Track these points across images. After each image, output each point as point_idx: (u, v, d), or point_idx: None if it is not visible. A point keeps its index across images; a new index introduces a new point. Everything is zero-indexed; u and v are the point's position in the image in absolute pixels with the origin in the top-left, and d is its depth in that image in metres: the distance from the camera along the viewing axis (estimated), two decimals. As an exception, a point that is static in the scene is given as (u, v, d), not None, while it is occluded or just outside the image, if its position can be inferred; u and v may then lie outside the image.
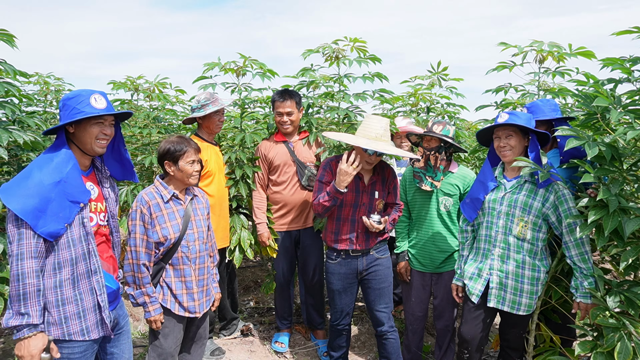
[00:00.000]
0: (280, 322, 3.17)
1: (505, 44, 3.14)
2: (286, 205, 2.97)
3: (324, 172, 2.43)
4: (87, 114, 1.72)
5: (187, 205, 2.20)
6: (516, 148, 2.12)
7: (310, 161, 2.99)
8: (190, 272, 2.17)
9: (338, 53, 3.38)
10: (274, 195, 2.99)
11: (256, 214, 3.01)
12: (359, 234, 2.45)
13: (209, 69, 3.24)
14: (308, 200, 2.98)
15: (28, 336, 1.58)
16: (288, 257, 3.04)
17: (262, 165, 3.01)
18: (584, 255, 1.96)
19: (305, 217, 3.00)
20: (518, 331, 2.23)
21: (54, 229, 1.63)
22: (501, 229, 2.13)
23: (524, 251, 2.08)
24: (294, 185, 2.95)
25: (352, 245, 2.46)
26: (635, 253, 1.68)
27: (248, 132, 3.11)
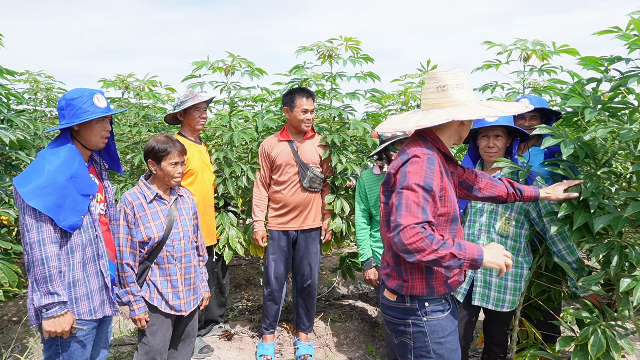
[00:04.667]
0: (265, 326, 3.10)
1: (489, 42, 3.17)
2: (286, 205, 2.96)
3: (428, 172, 1.49)
4: (96, 114, 1.88)
5: (172, 205, 2.22)
6: (502, 149, 2.15)
7: (313, 162, 2.97)
8: (175, 270, 2.19)
9: (332, 52, 3.41)
10: (274, 194, 2.99)
11: (254, 212, 3.01)
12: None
13: (198, 67, 3.25)
14: (308, 201, 2.98)
15: (60, 314, 1.74)
16: (284, 257, 3.02)
17: (264, 163, 2.99)
18: (571, 247, 1.99)
19: (304, 218, 2.99)
20: (502, 328, 2.26)
21: (73, 222, 1.80)
22: (484, 227, 2.15)
23: (508, 248, 2.11)
24: (294, 185, 2.94)
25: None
26: (605, 249, 1.71)
27: (236, 131, 3.12)
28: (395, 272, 1.63)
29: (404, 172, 1.51)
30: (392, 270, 1.65)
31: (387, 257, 1.69)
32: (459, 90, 1.59)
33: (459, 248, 1.42)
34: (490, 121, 2.09)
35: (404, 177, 1.49)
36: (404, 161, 1.55)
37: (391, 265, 1.65)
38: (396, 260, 1.62)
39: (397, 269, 1.63)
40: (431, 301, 1.62)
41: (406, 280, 1.61)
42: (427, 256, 1.39)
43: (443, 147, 1.64)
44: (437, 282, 1.61)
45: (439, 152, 1.62)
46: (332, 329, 3.44)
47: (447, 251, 1.39)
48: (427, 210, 1.44)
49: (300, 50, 3.38)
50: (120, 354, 3.04)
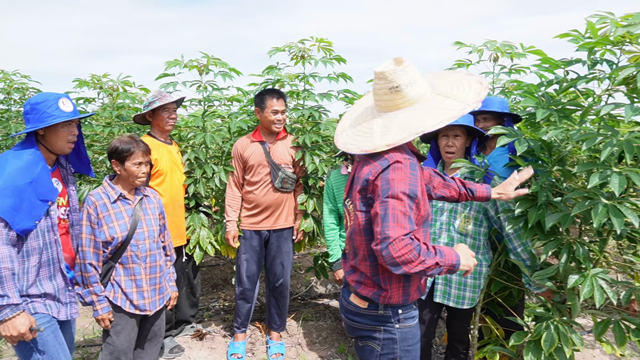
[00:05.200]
0: (237, 325, 3.12)
1: (460, 43, 3.22)
2: (258, 205, 2.98)
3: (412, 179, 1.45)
4: (61, 119, 1.89)
5: (136, 205, 2.22)
6: (461, 149, 2.18)
7: (285, 163, 3.00)
8: (140, 270, 2.20)
9: (304, 52, 3.43)
10: (246, 194, 3.01)
11: (226, 212, 3.03)
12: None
13: (170, 66, 3.25)
14: (280, 201, 3.00)
15: (12, 316, 1.71)
16: (256, 257, 3.04)
17: (237, 164, 3.01)
18: (525, 245, 2.04)
19: (276, 218, 3.02)
20: (463, 324, 2.31)
21: (27, 226, 1.79)
22: (444, 226, 2.19)
23: (467, 246, 2.14)
24: (266, 186, 2.96)
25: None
26: (555, 246, 1.75)
27: (209, 132, 3.13)
28: (371, 280, 1.57)
29: (386, 179, 1.43)
30: (367, 278, 1.58)
31: (360, 267, 1.60)
32: (412, 86, 1.52)
33: (440, 256, 1.41)
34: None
35: (388, 184, 1.42)
36: (384, 167, 1.46)
37: (366, 274, 1.58)
38: (374, 270, 1.56)
39: (374, 278, 1.56)
40: (404, 308, 1.60)
41: (385, 289, 1.55)
42: (415, 267, 1.36)
43: (411, 145, 1.62)
44: (412, 289, 1.60)
45: (411, 153, 1.57)
46: (305, 327, 3.46)
47: (432, 261, 1.38)
48: (412, 219, 1.41)
49: (273, 51, 3.40)
50: (89, 354, 3.03)
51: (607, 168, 1.58)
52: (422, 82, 1.56)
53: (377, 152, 1.50)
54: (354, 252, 1.63)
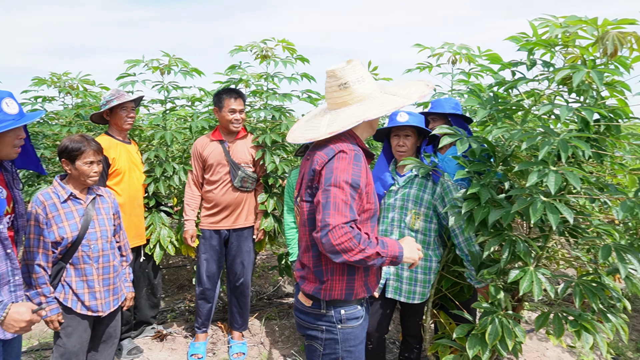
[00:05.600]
0: (197, 325, 3.10)
1: (420, 45, 3.28)
2: (217, 204, 2.97)
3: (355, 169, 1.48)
4: (6, 126, 1.68)
5: (88, 205, 2.19)
6: (412, 148, 2.24)
7: (245, 162, 3.00)
8: (92, 271, 2.17)
9: (266, 52, 3.44)
10: (206, 193, 3.00)
11: (185, 211, 3.02)
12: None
13: (132, 66, 3.21)
14: (240, 200, 3.00)
15: (5, 313, 1.63)
16: (216, 256, 3.03)
17: (196, 163, 2.99)
18: (469, 240, 2.10)
19: (236, 217, 3.01)
20: (415, 319, 2.36)
21: None
22: (395, 222, 2.24)
23: (418, 242, 2.20)
24: (226, 185, 2.96)
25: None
26: (498, 242, 1.81)
27: (169, 131, 3.11)
28: (314, 274, 1.57)
29: (330, 168, 1.46)
30: (310, 272, 1.58)
31: (304, 259, 1.61)
32: (360, 83, 1.56)
33: (382, 246, 1.43)
34: (401, 121, 2.17)
35: (331, 173, 1.44)
36: (330, 157, 1.48)
37: (309, 266, 1.58)
38: (316, 261, 1.55)
39: (316, 269, 1.56)
40: (348, 308, 1.58)
41: (325, 280, 1.54)
42: (355, 256, 1.37)
43: (360, 142, 1.62)
44: (357, 284, 1.58)
45: (359, 148, 1.59)
46: (268, 326, 3.47)
47: (373, 250, 1.39)
48: (354, 208, 1.42)
49: (235, 50, 3.41)
50: (44, 358, 2.96)
51: (546, 167, 1.64)
52: (371, 81, 1.61)
53: (325, 144, 1.54)
54: (299, 243, 1.66)
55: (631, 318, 3.84)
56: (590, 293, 1.77)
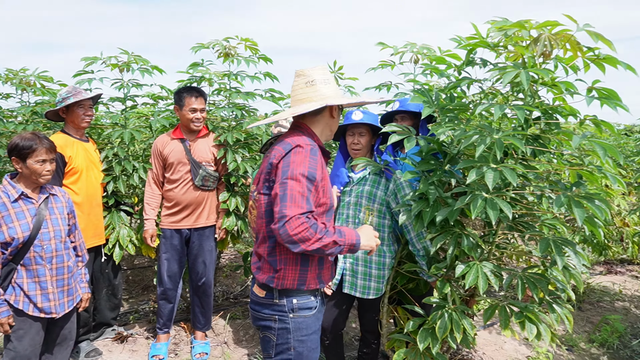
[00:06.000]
0: (159, 326, 3.07)
1: (383, 44, 3.33)
2: (178, 203, 2.95)
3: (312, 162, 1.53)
4: None
5: (41, 205, 2.15)
6: (366, 146, 2.28)
7: (206, 161, 2.98)
8: (44, 272, 2.13)
9: (229, 50, 3.43)
10: (166, 192, 2.97)
11: (145, 210, 2.99)
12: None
13: (90, 63, 3.16)
14: (201, 199, 2.98)
15: None
16: (177, 256, 3.00)
17: (156, 161, 2.96)
18: (420, 235, 2.16)
19: (197, 216, 2.99)
20: (372, 314, 2.40)
21: None
22: (351, 219, 2.28)
23: None
24: (186, 184, 2.94)
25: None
26: (444, 238, 1.86)
27: (128, 129, 3.07)
28: (268, 263, 1.61)
29: (287, 161, 1.52)
30: (264, 262, 1.63)
31: (260, 250, 1.66)
32: (326, 85, 1.66)
33: (339, 235, 1.48)
34: (356, 119, 2.22)
35: (288, 166, 1.50)
36: (287, 151, 1.55)
37: (264, 256, 1.63)
38: (272, 251, 1.60)
39: (270, 259, 1.61)
40: (300, 297, 1.63)
41: (279, 270, 1.58)
42: (312, 245, 1.42)
43: (318, 141, 1.68)
44: (310, 275, 1.62)
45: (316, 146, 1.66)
46: (232, 326, 3.47)
47: (330, 239, 1.44)
48: (310, 200, 1.47)
49: (196, 47, 3.39)
50: (-3, 362, 2.88)
51: (486, 164, 1.70)
52: (335, 86, 1.72)
53: (283, 139, 1.62)
54: (256, 236, 1.70)
55: (585, 310, 4.00)
56: (532, 285, 1.84)
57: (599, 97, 1.67)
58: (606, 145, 1.59)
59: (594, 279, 4.61)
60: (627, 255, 5.06)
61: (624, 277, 4.82)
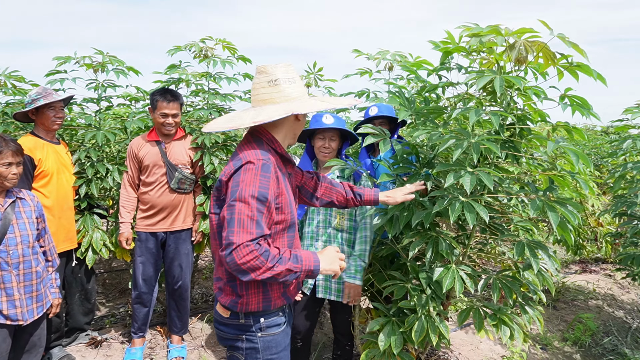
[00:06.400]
0: (134, 330, 3.02)
1: (358, 51, 3.33)
2: (153, 206, 2.89)
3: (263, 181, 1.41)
4: None
5: (7, 209, 2.09)
6: (335, 150, 2.30)
7: (182, 164, 2.93)
8: (10, 278, 2.07)
9: (206, 51, 3.40)
10: (142, 195, 2.92)
11: (120, 213, 2.93)
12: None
13: (62, 63, 3.09)
14: (177, 202, 2.93)
15: None
16: (152, 259, 2.95)
17: (132, 164, 2.90)
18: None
19: (173, 220, 2.95)
20: (345, 317, 2.40)
21: None
22: (322, 223, 2.28)
23: (343, 241, 2.26)
24: (162, 186, 2.89)
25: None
26: (422, 242, 1.87)
27: (102, 131, 3.00)
28: (229, 287, 1.51)
29: (236, 180, 1.39)
30: (225, 284, 1.52)
31: (219, 272, 1.55)
32: (291, 84, 1.52)
33: (295, 261, 1.37)
34: (328, 123, 2.21)
35: (237, 186, 1.38)
36: (236, 167, 1.42)
37: (224, 279, 1.52)
38: (230, 276, 1.50)
39: (230, 284, 1.50)
40: (267, 316, 1.55)
41: (241, 295, 1.49)
42: (263, 274, 1.32)
43: (280, 147, 1.56)
44: (275, 295, 1.54)
45: (275, 154, 1.54)
46: (210, 329, 3.43)
47: (283, 267, 1.34)
48: (262, 223, 1.35)
49: (172, 50, 3.36)
50: (-36, 371, 2.80)
51: (462, 168, 1.71)
52: (301, 86, 1.58)
53: (237, 151, 1.51)
54: (213, 256, 1.59)
55: (560, 309, 4.07)
56: (506, 288, 1.86)
57: (571, 104, 1.70)
58: (579, 152, 1.61)
59: (569, 278, 4.70)
60: (601, 254, 5.18)
61: (598, 275, 4.92)
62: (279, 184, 1.47)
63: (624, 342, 3.45)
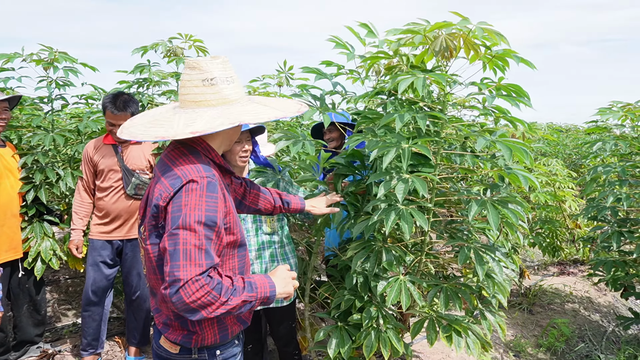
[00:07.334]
0: (82, 347, 2.83)
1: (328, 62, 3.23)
2: (109, 213, 2.75)
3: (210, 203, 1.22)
4: None
5: None
6: None
7: (140, 168, 2.79)
8: None
9: (175, 51, 3.31)
10: (97, 201, 2.78)
11: (73, 219, 2.79)
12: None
13: (7, 61, 2.94)
14: (134, 209, 2.79)
15: None
16: (105, 269, 2.77)
17: (87, 168, 2.76)
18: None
19: (130, 227, 2.80)
20: (287, 323, 2.27)
21: None
22: (252, 231, 2.14)
23: (275, 244, 2.16)
24: (117, 192, 2.75)
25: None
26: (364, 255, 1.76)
27: (51, 133, 2.86)
28: (177, 323, 1.33)
29: (178, 204, 1.19)
30: (172, 321, 1.33)
31: (162, 307, 1.35)
32: (229, 84, 1.32)
33: (250, 290, 1.22)
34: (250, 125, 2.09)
35: (179, 211, 1.17)
36: (176, 189, 1.21)
37: (169, 316, 1.33)
38: (177, 313, 1.30)
39: (179, 320, 1.32)
40: (223, 347, 1.39)
41: (194, 331, 1.32)
42: (216, 311, 1.15)
43: (217, 157, 1.37)
44: (231, 322, 1.39)
45: (214, 165, 1.34)
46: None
47: (238, 300, 1.18)
48: (212, 252, 1.18)
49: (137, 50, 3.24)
50: None
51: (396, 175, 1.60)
52: (240, 86, 1.40)
53: (169, 165, 1.28)
54: (152, 291, 1.39)
55: (536, 314, 3.99)
56: (454, 296, 1.76)
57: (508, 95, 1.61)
58: (513, 146, 1.51)
59: (546, 280, 4.62)
60: (579, 256, 5.11)
61: (575, 277, 4.85)
62: (226, 201, 1.29)
63: (598, 347, 3.38)
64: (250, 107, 1.34)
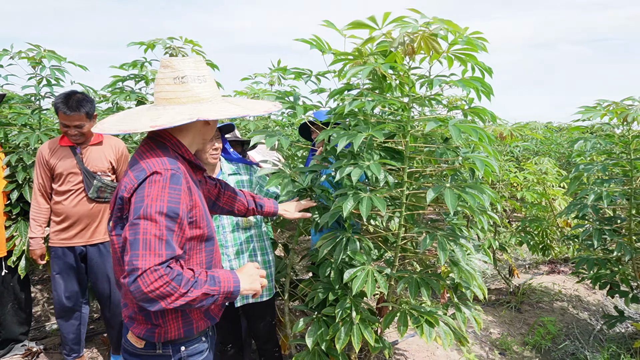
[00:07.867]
0: (66, 353, 2.76)
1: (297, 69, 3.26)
2: (68, 218, 2.59)
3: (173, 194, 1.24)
4: None
5: None
6: None
7: (101, 170, 2.65)
8: None
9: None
10: (55, 205, 2.62)
11: (31, 227, 2.64)
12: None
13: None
14: (97, 212, 2.65)
15: None
16: (74, 274, 2.67)
17: (42, 171, 2.60)
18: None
19: (93, 232, 2.66)
20: (267, 320, 2.26)
21: None
22: (228, 227, 2.14)
23: (253, 239, 2.17)
24: (77, 195, 2.60)
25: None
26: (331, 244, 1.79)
27: (37, 132, 2.89)
28: (141, 316, 1.33)
29: (140, 195, 1.20)
30: (136, 314, 1.34)
31: (127, 299, 1.37)
32: (200, 83, 1.35)
33: (212, 283, 1.22)
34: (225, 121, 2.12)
35: (142, 201, 1.19)
36: (140, 180, 1.23)
37: (133, 308, 1.34)
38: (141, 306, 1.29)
39: (143, 313, 1.32)
40: (189, 343, 1.39)
41: (157, 324, 1.33)
42: (175, 302, 1.15)
43: (187, 153, 1.39)
44: (197, 317, 1.38)
45: (183, 161, 1.37)
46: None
47: (198, 292, 1.18)
48: (173, 243, 1.18)
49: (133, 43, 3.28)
50: None
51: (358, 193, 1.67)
52: (213, 85, 1.42)
53: (137, 160, 1.32)
54: (118, 284, 1.42)
55: (524, 312, 3.99)
56: (424, 284, 1.77)
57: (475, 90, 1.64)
58: (462, 126, 1.57)
59: (535, 279, 4.62)
60: (569, 254, 5.11)
61: (565, 276, 4.85)
62: (192, 195, 1.31)
63: (585, 346, 3.37)
64: (218, 106, 1.36)
